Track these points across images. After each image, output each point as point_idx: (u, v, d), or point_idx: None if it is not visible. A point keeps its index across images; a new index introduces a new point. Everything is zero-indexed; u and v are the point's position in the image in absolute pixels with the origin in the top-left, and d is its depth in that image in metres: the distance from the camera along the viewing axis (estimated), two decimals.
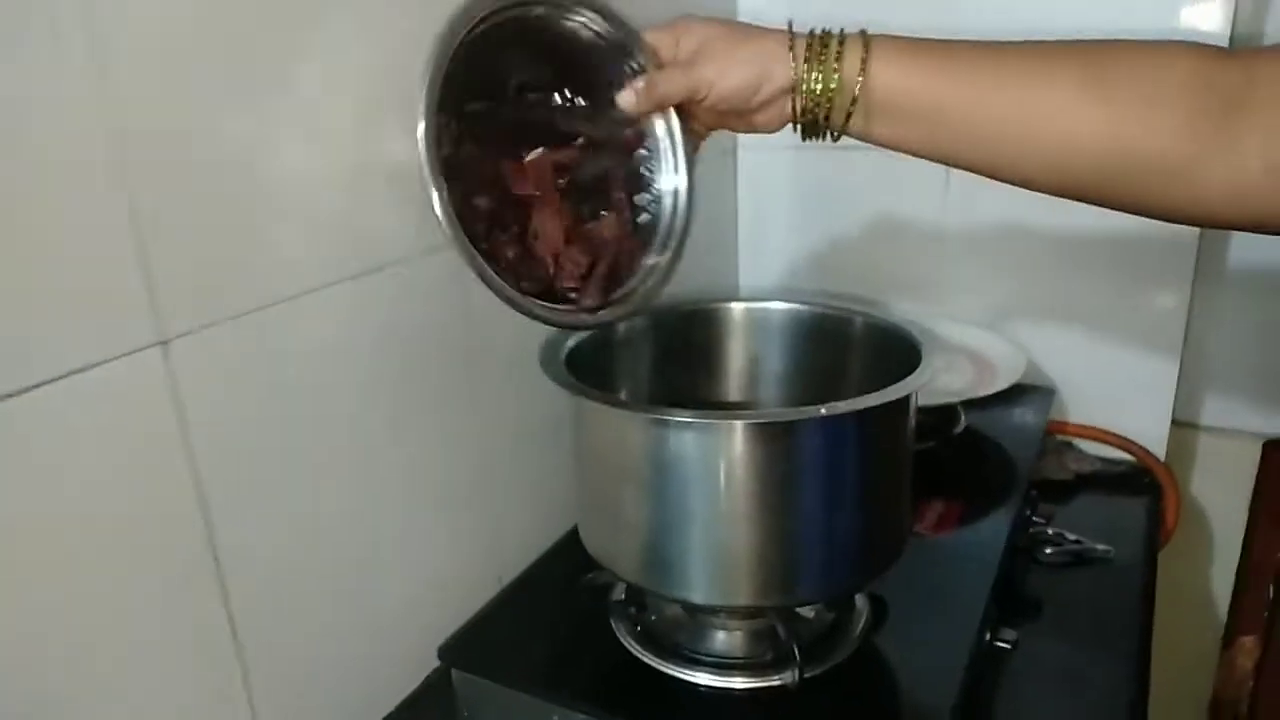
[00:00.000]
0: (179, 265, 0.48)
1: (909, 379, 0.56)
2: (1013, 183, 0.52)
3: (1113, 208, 0.51)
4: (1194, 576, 1.16)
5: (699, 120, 0.58)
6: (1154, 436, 1.02)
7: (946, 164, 0.53)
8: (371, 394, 0.63)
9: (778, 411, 0.53)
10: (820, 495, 0.56)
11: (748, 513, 0.55)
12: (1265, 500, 1.11)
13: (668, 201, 0.61)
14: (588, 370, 0.61)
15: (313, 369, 0.57)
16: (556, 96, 0.58)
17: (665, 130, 0.59)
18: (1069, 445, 1.04)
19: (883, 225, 1.08)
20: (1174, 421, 1.02)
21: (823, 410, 0.52)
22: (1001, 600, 0.72)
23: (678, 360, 0.73)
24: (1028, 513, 0.86)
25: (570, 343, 0.65)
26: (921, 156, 0.53)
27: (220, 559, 0.52)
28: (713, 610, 0.64)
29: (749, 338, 0.73)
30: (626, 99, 0.56)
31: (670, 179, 0.60)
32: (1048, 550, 0.86)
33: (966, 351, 0.97)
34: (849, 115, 0.52)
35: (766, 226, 1.15)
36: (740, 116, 0.55)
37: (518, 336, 0.69)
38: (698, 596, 0.58)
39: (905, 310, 1.08)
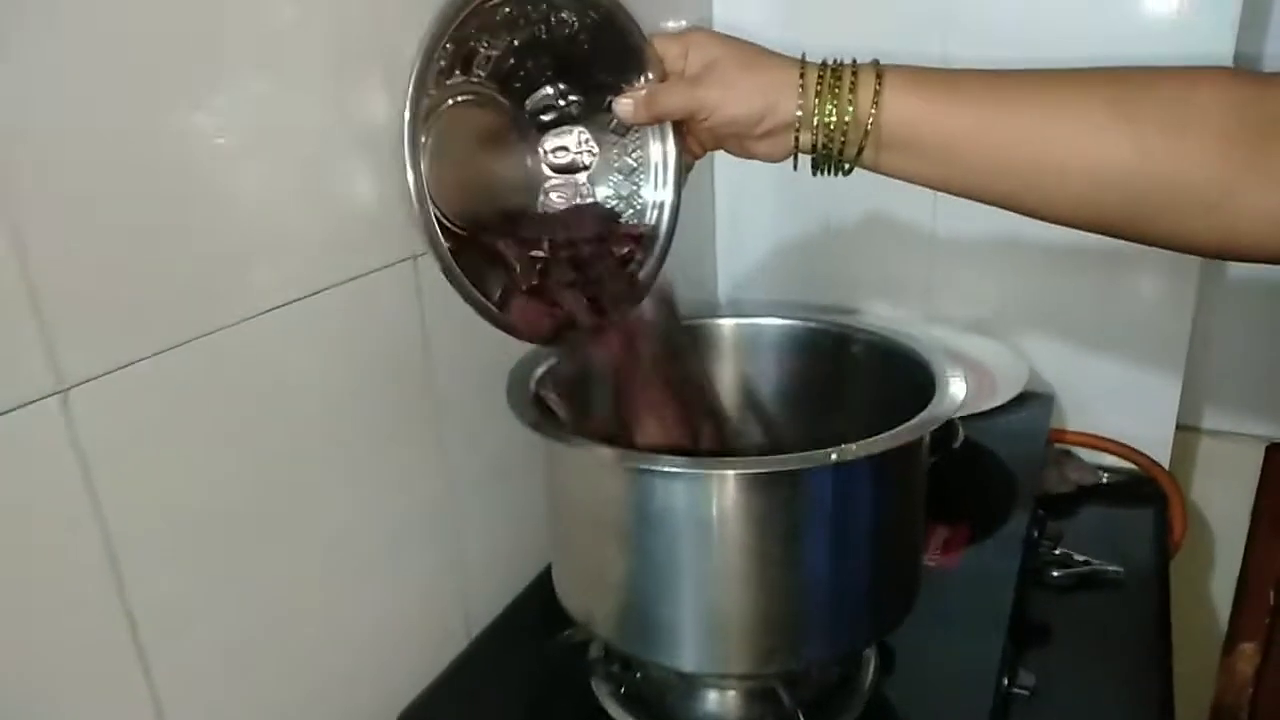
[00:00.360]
0: (76, 302, 0.41)
1: (929, 413, 0.49)
2: (1035, 216, 0.49)
3: (1141, 241, 0.48)
4: (1195, 582, 1.12)
5: (696, 138, 0.56)
6: (1157, 443, 0.97)
7: (963, 197, 0.50)
8: (315, 429, 0.55)
9: (781, 459, 0.45)
10: (828, 548, 0.49)
11: (745, 571, 0.48)
12: (1267, 505, 1.07)
13: (650, 215, 0.57)
14: (561, 398, 0.54)
15: (242, 407, 0.50)
16: (549, 89, 0.56)
17: (659, 141, 0.56)
18: (1068, 454, 0.99)
19: (869, 226, 1.02)
20: (1176, 426, 0.97)
21: (834, 456, 0.45)
22: (1014, 630, 0.66)
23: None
24: (1035, 533, 0.81)
25: (540, 370, 0.57)
26: (937, 189, 0.50)
27: (137, 621, 0.45)
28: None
29: (739, 358, 0.66)
30: (624, 107, 0.53)
31: (656, 192, 0.57)
32: (1055, 573, 0.80)
33: (964, 360, 0.91)
34: (861, 149, 0.49)
35: (745, 230, 1.08)
36: (740, 143, 0.53)
37: (482, 359, 0.63)
38: (688, 664, 0.51)
39: (894, 316, 1.03)
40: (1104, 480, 0.97)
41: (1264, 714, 1.16)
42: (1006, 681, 0.62)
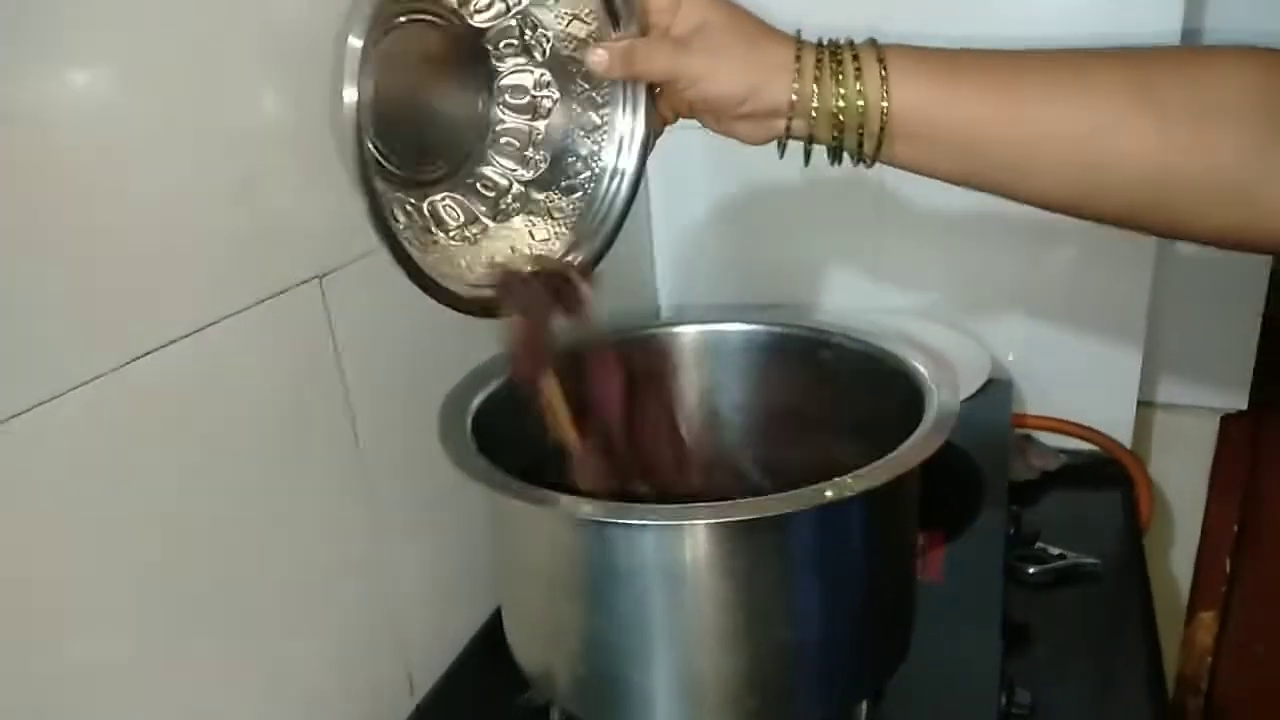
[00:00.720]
0: None
1: (927, 431, 0.44)
2: (1053, 207, 0.45)
3: (1160, 233, 0.45)
4: (1156, 558, 1.11)
5: (670, 104, 0.50)
6: (1119, 423, 0.95)
7: (975, 188, 0.45)
8: (222, 477, 0.48)
9: (765, 503, 0.39)
10: (818, 595, 0.43)
11: (724, 627, 0.42)
12: (1222, 475, 1.07)
13: (605, 184, 0.51)
14: (503, 429, 0.48)
15: (136, 457, 0.43)
16: (513, 20, 0.49)
17: (630, 103, 0.50)
18: (1030, 440, 0.96)
19: (813, 212, 0.97)
20: None
21: (829, 493, 0.39)
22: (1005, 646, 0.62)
23: None
24: (1011, 530, 0.77)
25: (478, 401, 0.50)
26: (948, 180, 0.45)
27: None
28: None
29: (702, 369, 0.60)
30: (598, 59, 0.46)
31: (617, 157, 0.51)
32: (1031, 570, 0.77)
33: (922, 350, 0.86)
34: (878, 142, 0.44)
35: (682, 223, 1.02)
36: (717, 119, 0.47)
37: (408, 386, 0.58)
38: None
39: (842, 305, 0.99)
40: (1066, 464, 0.94)
41: (1223, 682, 1.16)
42: (1005, 701, 0.58)
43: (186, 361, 0.45)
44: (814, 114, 0.44)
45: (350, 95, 0.38)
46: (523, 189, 0.51)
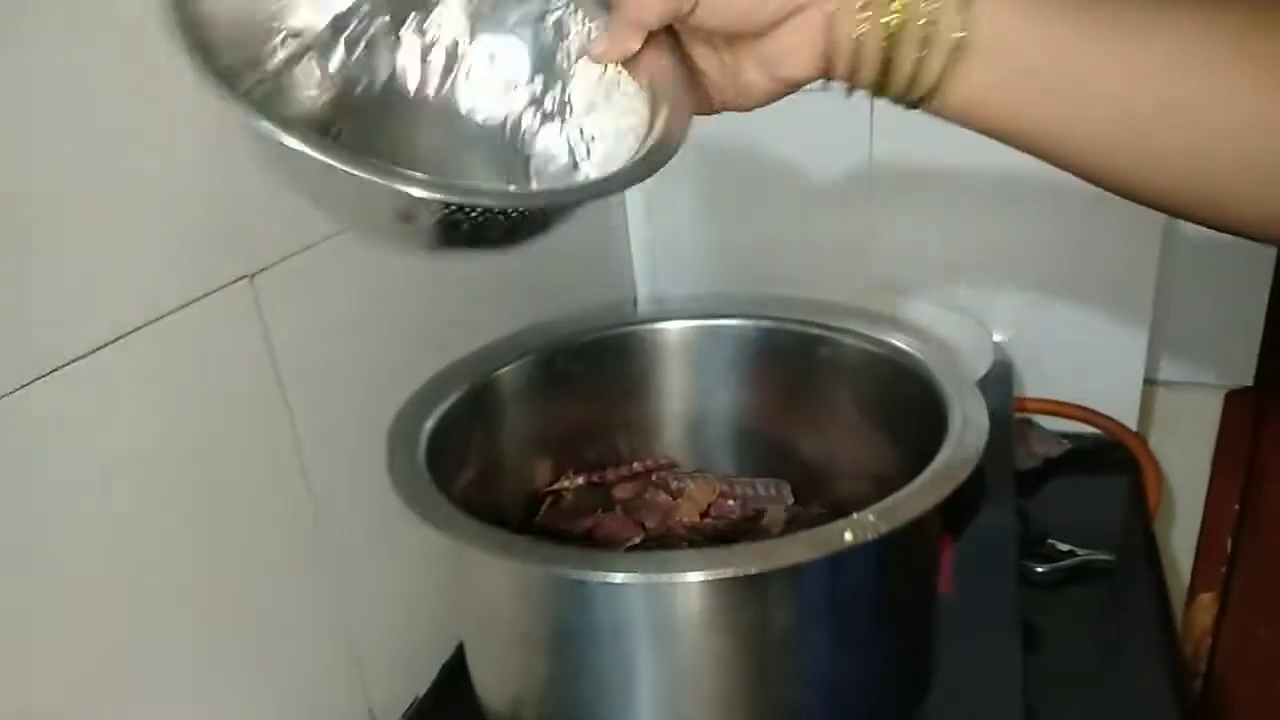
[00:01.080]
0: None
1: (954, 453, 0.38)
2: (1150, 188, 0.35)
3: (1236, 229, 0.35)
4: (1157, 539, 1.07)
5: (696, 59, 0.39)
6: (1123, 405, 0.90)
7: (1053, 154, 0.35)
8: (151, 508, 0.42)
9: (768, 549, 0.33)
10: (829, 648, 0.37)
11: (720, 688, 0.37)
12: (1225, 453, 1.03)
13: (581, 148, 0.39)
14: (461, 446, 0.42)
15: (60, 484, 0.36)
16: None
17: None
18: (1030, 424, 0.91)
19: (801, 186, 0.90)
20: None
21: (847, 535, 0.33)
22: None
23: (589, 410, 0.53)
24: (1021, 528, 0.72)
25: (431, 423, 0.43)
26: (1018, 136, 0.35)
27: None
28: None
29: (689, 371, 0.54)
30: (597, 49, 0.37)
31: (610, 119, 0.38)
32: (1040, 569, 0.72)
33: (917, 333, 0.80)
34: (922, 60, 0.33)
35: (660, 195, 0.95)
36: (748, 48, 0.36)
37: (352, 395, 0.52)
38: None
39: (832, 285, 0.92)
40: (1068, 449, 0.89)
41: (1222, 663, 1.13)
42: None
43: (103, 376, 0.38)
44: (862, 17, 0.33)
45: None
46: None
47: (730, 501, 0.52)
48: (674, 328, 0.53)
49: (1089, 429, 0.91)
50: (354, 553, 0.55)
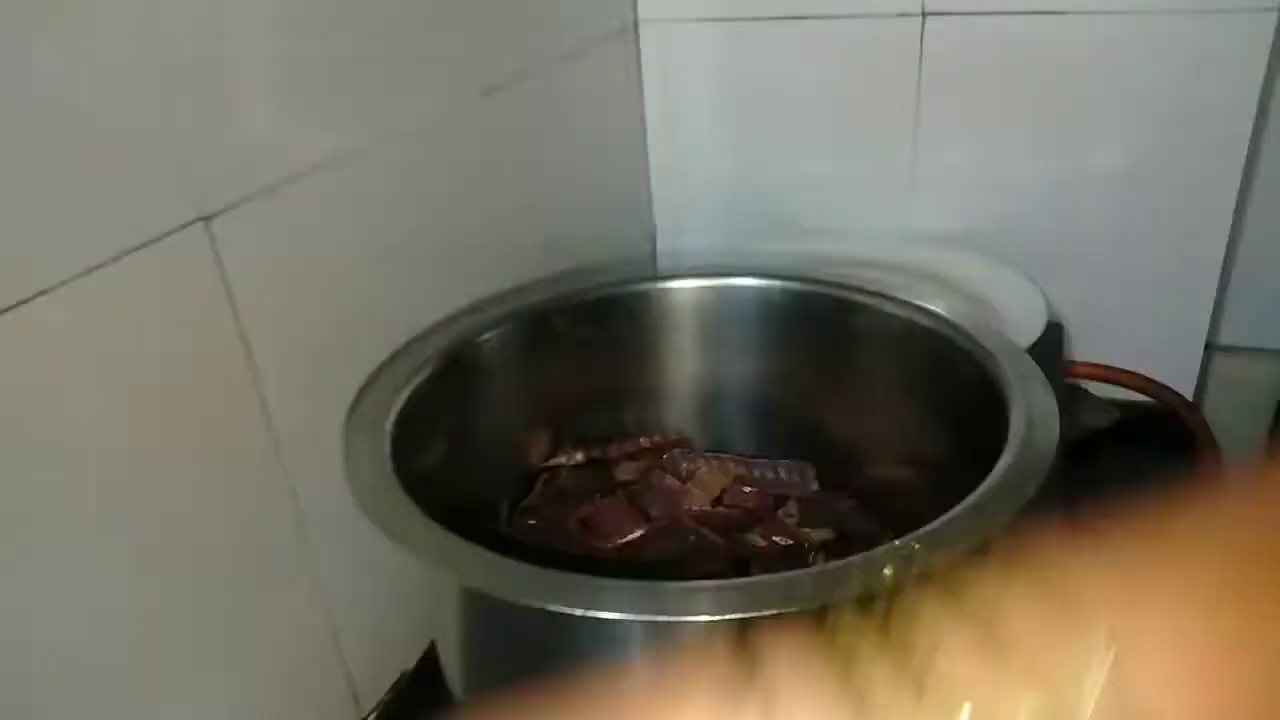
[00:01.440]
0: None
1: (1021, 464, 0.31)
2: None
3: None
4: None
5: None
6: (1180, 372, 0.82)
7: None
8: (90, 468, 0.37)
9: (787, 585, 0.27)
10: None
11: None
12: None
13: None
14: (440, 416, 0.37)
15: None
16: None
17: None
18: (1077, 391, 0.83)
19: (837, 118, 0.82)
20: None
21: (888, 569, 0.27)
22: None
23: (590, 378, 0.47)
24: (1066, 512, 0.65)
25: (401, 401, 0.37)
26: None
27: None
28: None
29: (703, 336, 0.47)
30: None
31: None
32: None
33: (963, 294, 0.73)
34: None
35: (682, 128, 0.87)
36: None
37: (320, 347, 0.46)
38: None
39: (867, 228, 0.85)
40: (1118, 418, 0.82)
41: None
42: None
43: (35, 329, 0.33)
44: None
45: None
46: None
47: (746, 489, 0.46)
48: (687, 287, 0.47)
49: (1140, 397, 0.83)
50: (330, 526, 0.49)
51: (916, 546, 0.27)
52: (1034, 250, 0.81)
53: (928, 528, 0.28)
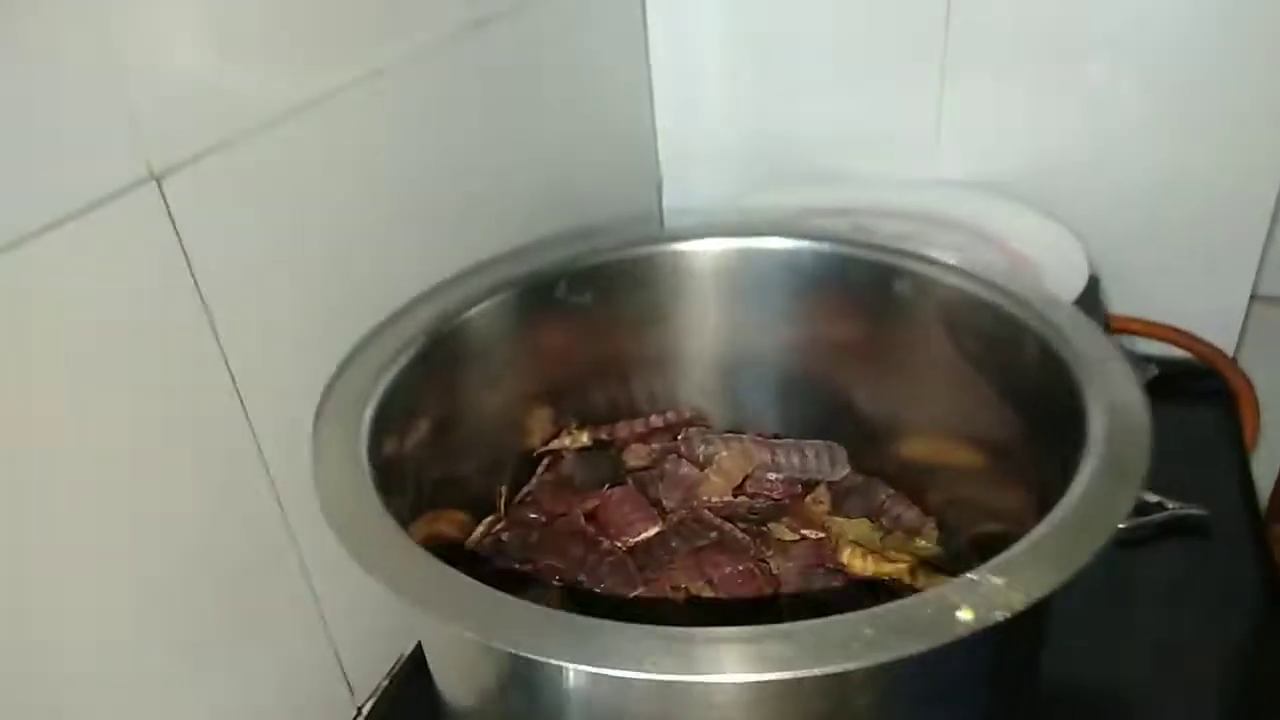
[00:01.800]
0: None
1: (1108, 472, 0.26)
2: None
3: None
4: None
5: None
6: (1220, 327, 0.77)
7: None
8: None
9: (831, 630, 0.22)
10: None
11: None
12: None
13: None
14: (426, 397, 0.33)
15: None
16: None
17: None
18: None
19: (858, 56, 0.77)
20: None
21: (960, 614, 0.22)
22: None
23: (596, 350, 0.42)
24: None
25: (382, 388, 0.32)
26: None
27: None
28: None
29: (722, 304, 0.42)
30: None
31: None
32: (1121, 524, 0.61)
33: (995, 242, 0.67)
34: None
35: (690, 68, 0.81)
36: None
37: (302, 312, 0.40)
38: None
39: (890, 175, 0.79)
40: (1156, 374, 0.77)
41: None
42: None
43: None
44: None
45: None
46: None
47: (772, 475, 0.41)
48: (705, 249, 0.41)
49: (1178, 352, 0.79)
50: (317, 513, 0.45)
51: (999, 584, 0.23)
52: (1066, 197, 0.76)
53: (1009, 554, 0.24)
